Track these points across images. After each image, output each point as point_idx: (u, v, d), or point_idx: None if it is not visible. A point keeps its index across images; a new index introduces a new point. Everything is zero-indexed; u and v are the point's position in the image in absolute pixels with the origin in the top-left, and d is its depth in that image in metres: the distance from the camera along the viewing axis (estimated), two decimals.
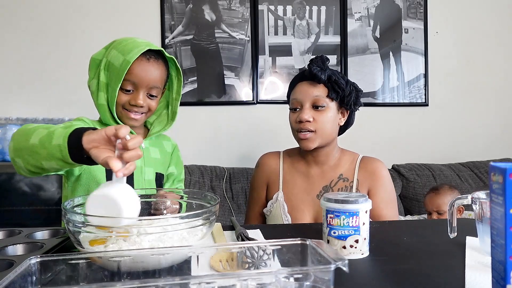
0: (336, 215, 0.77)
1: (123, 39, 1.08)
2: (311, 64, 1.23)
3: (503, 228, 0.51)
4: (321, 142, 1.22)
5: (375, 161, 1.28)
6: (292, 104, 1.26)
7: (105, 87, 1.06)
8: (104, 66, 1.05)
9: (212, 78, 2.29)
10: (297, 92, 1.25)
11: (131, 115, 1.06)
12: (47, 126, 0.83)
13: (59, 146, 0.76)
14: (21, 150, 0.83)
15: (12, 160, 0.87)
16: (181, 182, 1.27)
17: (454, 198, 0.81)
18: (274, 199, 1.28)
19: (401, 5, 2.40)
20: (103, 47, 1.09)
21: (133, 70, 1.02)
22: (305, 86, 1.23)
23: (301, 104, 1.22)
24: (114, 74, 1.03)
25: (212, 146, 2.31)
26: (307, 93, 1.22)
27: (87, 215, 0.67)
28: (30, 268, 0.52)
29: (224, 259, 0.66)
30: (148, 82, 1.05)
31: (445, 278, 0.64)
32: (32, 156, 0.81)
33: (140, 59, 1.03)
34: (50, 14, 2.22)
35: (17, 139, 0.84)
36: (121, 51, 1.03)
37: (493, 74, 2.49)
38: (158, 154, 1.18)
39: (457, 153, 2.43)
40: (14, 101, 2.20)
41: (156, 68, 1.07)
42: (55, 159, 0.78)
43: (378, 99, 2.39)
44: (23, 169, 0.86)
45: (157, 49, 1.08)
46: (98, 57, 1.07)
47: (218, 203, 0.77)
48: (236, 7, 2.30)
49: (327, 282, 0.52)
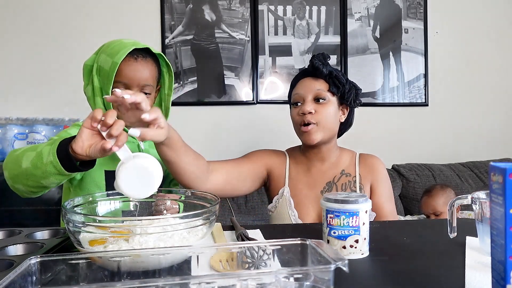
0: (336, 215, 0.77)
1: (110, 42, 1.09)
2: (313, 59, 1.26)
3: (503, 228, 0.51)
4: (323, 136, 1.22)
5: (373, 157, 1.32)
6: (293, 99, 1.27)
7: (100, 92, 1.07)
8: (96, 71, 1.06)
9: (212, 78, 2.29)
10: (299, 87, 1.27)
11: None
12: (32, 148, 0.87)
13: (51, 162, 0.79)
14: (17, 176, 0.87)
15: (12, 188, 0.91)
16: (179, 184, 1.26)
17: (454, 198, 0.81)
18: (279, 194, 1.28)
19: (401, 5, 2.40)
20: (94, 52, 1.10)
21: (122, 71, 1.04)
22: (307, 81, 1.26)
23: (303, 98, 1.24)
24: (105, 78, 1.04)
25: (212, 146, 2.30)
26: (308, 87, 1.24)
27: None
28: (30, 268, 0.52)
29: (224, 259, 0.66)
30: (139, 81, 1.06)
31: (445, 278, 0.64)
32: (29, 179, 0.85)
33: (127, 59, 1.04)
34: (50, 14, 2.22)
35: (9, 168, 0.88)
36: (109, 54, 1.04)
37: (493, 74, 2.49)
38: (157, 155, 1.18)
39: (457, 153, 2.43)
40: (14, 101, 2.20)
41: (145, 66, 1.08)
42: (52, 175, 0.81)
43: (378, 99, 2.39)
44: (26, 192, 0.91)
45: (144, 47, 1.08)
46: (89, 63, 1.09)
47: (218, 203, 0.77)
48: (236, 7, 2.30)
49: (327, 282, 0.52)
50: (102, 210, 0.84)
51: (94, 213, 0.82)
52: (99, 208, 0.84)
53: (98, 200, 0.84)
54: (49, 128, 2.06)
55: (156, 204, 0.92)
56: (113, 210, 0.86)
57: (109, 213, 0.85)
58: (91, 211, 0.82)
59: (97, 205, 0.84)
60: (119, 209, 0.87)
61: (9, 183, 0.90)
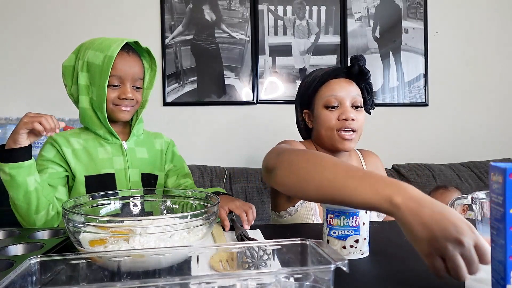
0: (336, 215, 0.77)
1: (91, 40, 1.11)
2: (357, 61, 1.16)
3: (503, 228, 0.51)
4: (356, 143, 1.18)
5: (372, 154, 1.33)
6: (328, 102, 1.15)
7: (85, 89, 1.07)
8: (82, 68, 1.06)
9: (212, 78, 2.29)
10: (336, 88, 1.16)
11: (122, 108, 1.09)
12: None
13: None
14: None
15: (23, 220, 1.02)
16: (187, 177, 1.23)
17: (454, 198, 0.81)
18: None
19: (401, 5, 2.40)
20: (72, 53, 1.11)
21: (116, 65, 1.05)
22: (344, 83, 1.16)
23: (340, 102, 1.14)
24: (97, 72, 1.04)
25: (212, 146, 2.30)
26: (347, 91, 1.15)
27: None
28: (30, 268, 0.52)
29: (224, 259, 0.66)
30: (133, 74, 1.09)
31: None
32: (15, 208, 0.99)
33: (120, 53, 1.06)
34: (50, 14, 2.22)
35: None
36: (98, 49, 1.05)
37: (493, 74, 2.48)
38: (145, 153, 1.17)
39: (457, 153, 2.43)
40: (14, 101, 2.20)
41: (136, 60, 1.11)
42: (4, 181, 0.95)
43: (378, 99, 2.39)
44: (23, 218, 1.01)
45: (133, 41, 1.11)
46: (70, 63, 1.10)
47: (218, 203, 0.77)
48: (236, 7, 2.30)
49: (327, 282, 0.52)
50: (102, 210, 0.84)
51: (94, 213, 0.82)
52: (99, 208, 0.84)
53: (98, 200, 0.84)
54: None
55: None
56: (113, 210, 0.86)
57: (109, 213, 0.85)
58: (91, 211, 0.82)
59: (97, 205, 0.84)
60: (119, 209, 0.87)
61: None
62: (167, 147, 1.24)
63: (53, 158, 1.07)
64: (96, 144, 1.11)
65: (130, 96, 1.08)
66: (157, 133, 1.26)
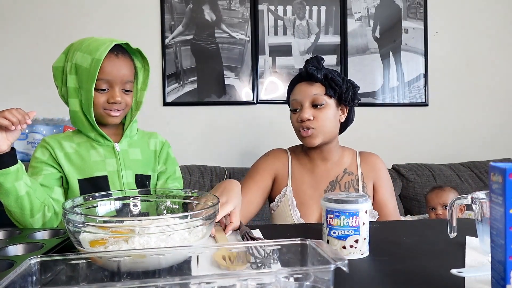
0: (336, 215, 0.77)
1: (81, 40, 1.08)
2: (307, 64, 1.27)
3: (503, 228, 0.51)
4: (324, 138, 1.24)
5: (374, 155, 1.35)
6: (292, 106, 1.29)
7: (75, 92, 1.05)
8: (70, 71, 1.04)
9: (212, 78, 2.29)
10: (296, 93, 1.28)
11: (111, 113, 1.07)
12: None
13: None
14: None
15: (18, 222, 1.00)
16: (177, 181, 1.22)
17: (454, 198, 0.81)
18: (282, 193, 1.29)
19: (401, 5, 2.40)
20: (62, 53, 1.09)
21: (104, 68, 1.02)
22: (303, 86, 1.27)
23: (301, 104, 1.25)
24: (84, 75, 1.02)
25: (212, 146, 2.30)
26: (305, 93, 1.25)
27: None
28: (30, 268, 0.52)
29: (227, 256, 0.66)
30: (122, 77, 1.06)
31: (445, 278, 0.64)
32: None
33: (108, 56, 1.03)
34: (50, 14, 2.22)
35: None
36: (86, 51, 1.03)
37: (493, 74, 2.48)
38: (139, 154, 1.15)
39: (457, 153, 2.43)
40: (14, 101, 2.19)
41: (126, 62, 1.08)
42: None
43: (378, 99, 2.39)
44: (19, 223, 0.99)
45: (122, 43, 1.09)
46: (59, 64, 1.08)
47: (219, 203, 0.77)
48: (236, 7, 2.30)
49: (327, 282, 0.52)
50: (102, 211, 0.84)
51: (94, 213, 0.82)
52: (99, 208, 0.84)
53: (98, 200, 0.84)
54: (49, 128, 2.06)
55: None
56: (113, 210, 0.86)
57: (109, 213, 0.85)
58: (91, 212, 0.82)
59: (97, 205, 0.84)
60: (119, 209, 0.87)
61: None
62: (161, 147, 1.21)
63: (47, 160, 1.06)
64: (88, 147, 1.09)
65: (119, 100, 1.06)
66: (152, 133, 1.23)
